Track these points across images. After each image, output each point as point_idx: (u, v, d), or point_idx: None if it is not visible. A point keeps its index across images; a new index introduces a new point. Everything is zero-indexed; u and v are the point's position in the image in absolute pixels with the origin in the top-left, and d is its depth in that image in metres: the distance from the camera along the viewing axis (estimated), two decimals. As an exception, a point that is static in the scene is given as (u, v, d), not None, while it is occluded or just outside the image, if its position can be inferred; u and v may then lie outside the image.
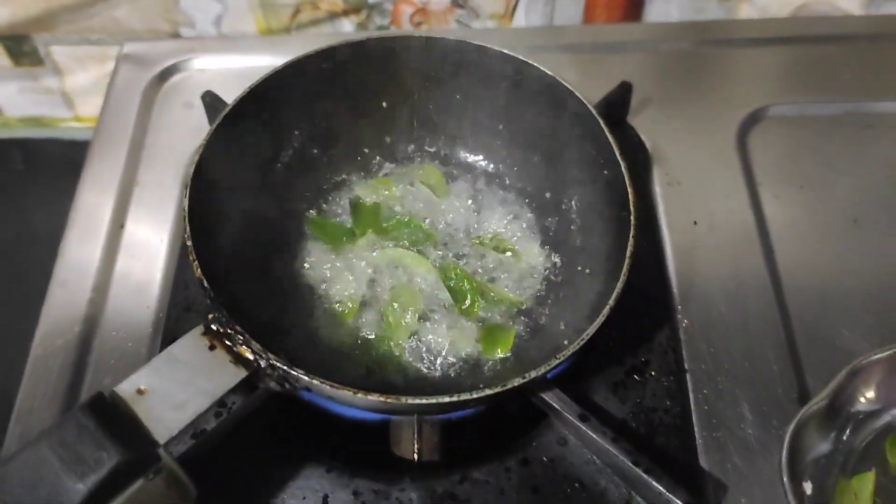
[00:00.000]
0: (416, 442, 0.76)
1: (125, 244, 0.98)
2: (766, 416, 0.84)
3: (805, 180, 1.03)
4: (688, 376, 0.87)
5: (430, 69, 0.93)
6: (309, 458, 0.80)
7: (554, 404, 0.78)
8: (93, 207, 1.01)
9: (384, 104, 0.96)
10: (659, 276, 0.94)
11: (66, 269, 0.96)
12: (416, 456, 0.76)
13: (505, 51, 0.89)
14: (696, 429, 0.83)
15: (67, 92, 1.38)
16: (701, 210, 0.99)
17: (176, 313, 0.91)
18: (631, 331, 0.88)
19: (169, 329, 0.90)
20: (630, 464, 0.74)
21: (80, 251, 0.97)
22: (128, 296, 0.94)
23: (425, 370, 0.84)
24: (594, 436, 0.76)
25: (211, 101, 0.99)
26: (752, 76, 1.13)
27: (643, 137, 1.05)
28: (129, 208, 1.01)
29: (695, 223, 0.98)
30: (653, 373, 0.86)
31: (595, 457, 0.80)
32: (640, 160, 1.04)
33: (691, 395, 0.85)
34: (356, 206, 0.95)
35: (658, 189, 1.01)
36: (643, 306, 0.90)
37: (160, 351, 0.86)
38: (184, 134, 1.08)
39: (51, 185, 1.37)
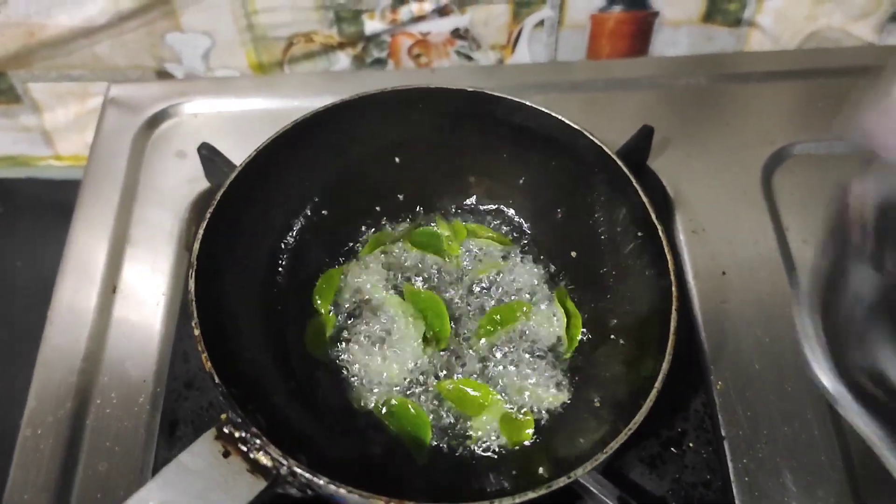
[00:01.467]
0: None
1: (118, 309, 0.92)
2: (810, 488, 0.79)
3: (833, 223, 0.98)
4: (725, 444, 0.82)
5: (447, 120, 0.87)
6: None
7: (591, 487, 0.72)
8: (82, 269, 0.94)
9: (397, 159, 0.90)
10: (689, 334, 0.88)
11: (55, 336, 0.89)
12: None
13: (526, 102, 0.84)
14: (737, 502, 0.78)
15: (47, 130, 1.32)
16: (728, 259, 0.94)
17: (176, 388, 0.85)
18: (664, 397, 0.82)
19: (169, 407, 0.83)
20: (678, 553, 0.69)
21: (69, 317, 0.90)
22: (122, 367, 0.87)
23: (456, 455, 0.78)
24: (637, 523, 0.71)
25: (208, 154, 0.93)
26: (772, 112, 1.09)
27: (664, 182, 1.00)
28: (121, 269, 0.95)
29: (723, 273, 0.93)
30: (690, 444, 0.81)
31: (636, 544, 0.74)
32: (661, 205, 0.98)
33: (730, 466, 0.80)
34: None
35: (682, 237, 0.96)
36: (675, 368, 0.85)
37: (159, 431, 0.82)
38: (178, 185, 1.02)
39: (32, 227, 1.30)
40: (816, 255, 0.64)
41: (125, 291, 0.93)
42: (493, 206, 0.96)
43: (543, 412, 0.81)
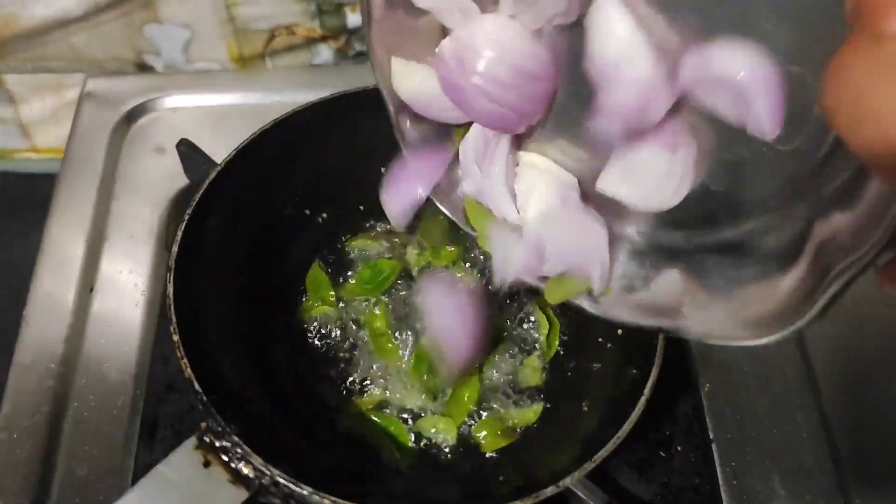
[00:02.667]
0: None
1: (95, 309, 0.90)
2: (799, 491, 0.79)
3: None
4: (714, 447, 0.81)
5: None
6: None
7: (578, 493, 0.72)
8: (58, 268, 0.92)
9: (380, 158, 0.88)
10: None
11: (30, 337, 0.87)
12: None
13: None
14: (726, 507, 0.78)
15: (23, 122, 1.28)
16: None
17: (156, 391, 0.83)
18: (652, 400, 0.81)
19: (149, 411, 0.82)
20: (667, 559, 0.68)
21: (45, 318, 0.88)
22: (101, 369, 0.85)
23: (441, 463, 0.76)
24: (625, 529, 0.70)
25: (187, 151, 0.90)
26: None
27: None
28: (99, 268, 0.92)
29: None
30: (679, 447, 0.81)
31: (625, 550, 0.74)
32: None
33: (719, 470, 0.80)
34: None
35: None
36: (662, 370, 0.84)
37: (139, 434, 0.80)
38: (157, 181, 1.00)
39: (8, 222, 1.26)
40: None
41: (103, 291, 0.91)
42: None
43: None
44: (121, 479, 0.78)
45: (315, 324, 0.86)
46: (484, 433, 0.78)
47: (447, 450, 0.79)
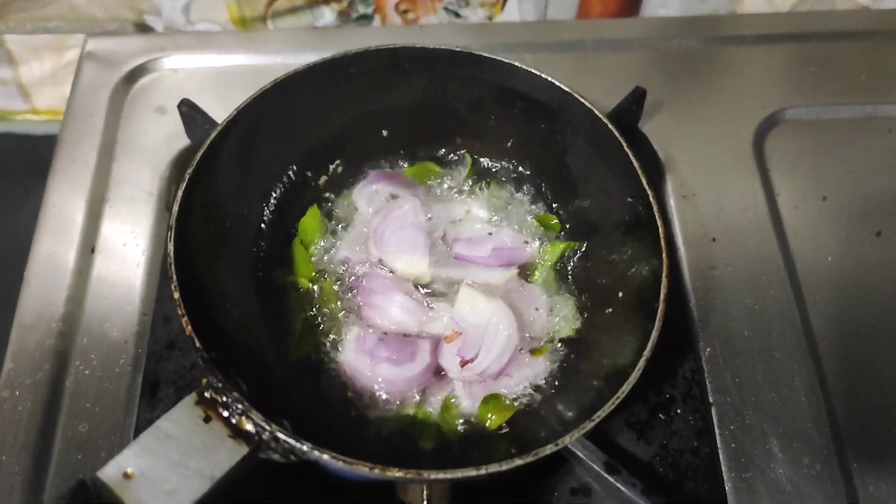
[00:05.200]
0: (425, 489, 0.70)
1: (97, 269, 0.90)
2: (796, 454, 0.79)
3: (826, 189, 0.97)
4: (713, 411, 0.81)
5: (435, 80, 0.85)
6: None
7: (578, 452, 0.72)
8: (59, 228, 0.92)
9: (382, 119, 0.88)
10: (678, 300, 0.87)
11: (31, 297, 0.87)
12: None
13: (515, 63, 0.81)
14: (724, 470, 0.78)
15: (23, 83, 1.28)
16: (718, 225, 0.93)
17: (157, 350, 0.83)
18: (652, 363, 0.81)
19: (150, 369, 0.82)
20: (664, 519, 0.69)
21: (46, 277, 0.88)
22: (102, 328, 0.85)
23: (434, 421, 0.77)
24: (623, 489, 0.71)
25: (188, 111, 0.90)
26: (765, 76, 1.07)
27: (655, 146, 0.98)
28: (100, 229, 0.92)
29: (713, 240, 0.92)
30: (678, 410, 0.81)
31: (622, 508, 0.74)
32: (651, 170, 0.97)
33: (717, 433, 0.80)
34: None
35: (672, 202, 0.95)
36: (663, 334, 0.84)
37: (141, 392, 0.80)
38: (157, 142, 0.99)
39: (8, 184, 1.26)
40: None
41: (104, 251, 0.91)
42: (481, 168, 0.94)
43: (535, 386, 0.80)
44: (122, 436, 0.79)
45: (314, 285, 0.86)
46: (487, 413, 0.77)
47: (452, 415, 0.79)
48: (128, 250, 0.91)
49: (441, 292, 0.83)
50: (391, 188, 0.87)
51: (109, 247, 0.91)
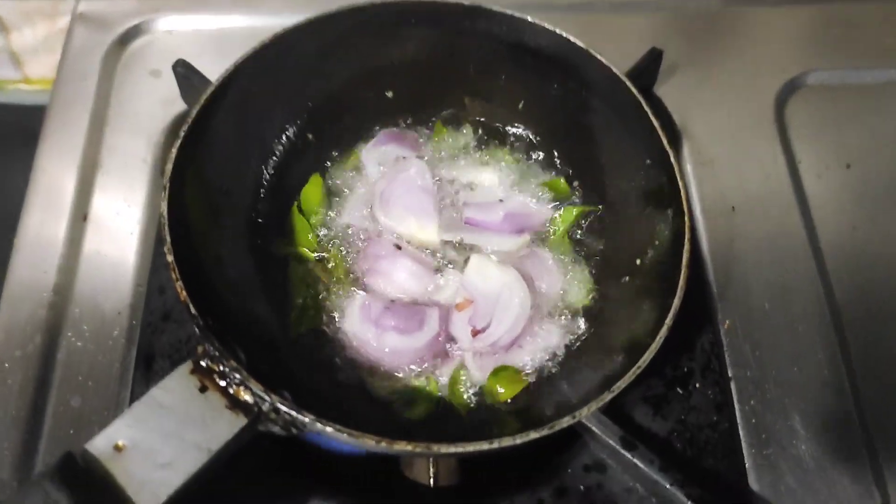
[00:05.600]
0: (431, 465, 0.67)
1: (89, 239, 0.86)
2: (820, 430, 0.76)
3: (849, 156, 0.93)
4: (732, 385, 0.78)
5: (442, 36, 0.81)
6: (314, 492, 0.70)
7: (593, 427, 0.69)
8: (50, 197, 0.88)
9: (386, 78, 0.83)
10: (696, 271, 0.83)
11: (22, 267, 0.83)
12: (431, 481, 0.67)
13: (528, 18, 0.77)
14: (744, 446, 0.75)
15: (15, 51, 1.24)
16: (738, 193, 0.89)
17: (152, 321, 0.80)
18: (670, 336, 0.78)
19: (145, 341, 0.78)
20: (682, 496, 0.65)
21: (36, 247, 0.84)
22: (95, 299, 0.82)
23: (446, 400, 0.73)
24: (640, 464, 0.67)
25: (184, 73, 0.86)
26: (786, 39, 1.02)
27: (671, 110, 0.94)
28: (92, 197, 0.88)
29: (733, 209, 0.88)
30: (696, 384, 0.77)
31: (638, 484, 0.71)
32: (667, 136, 0.92)
33: (737, 407, 0.77)
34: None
35: (690, 169, 0.91)
36: (682, 306, 0.80)
37: (135, 365, 0.77)
38: (152, 107, 0.95)
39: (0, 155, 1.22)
40: None
41: (96, 221, 0.87)
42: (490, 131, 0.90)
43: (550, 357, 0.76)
44: (116, 410, 0.76)
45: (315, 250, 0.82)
46: (497, 385, 0.74)
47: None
48: (121, 219, 0.87)
49: (451, 259, 0.79)
50: (400, 149, 0.83)
51: (102, 215, 0.87)
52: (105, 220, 0.87)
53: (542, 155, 0.86)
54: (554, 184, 0.84)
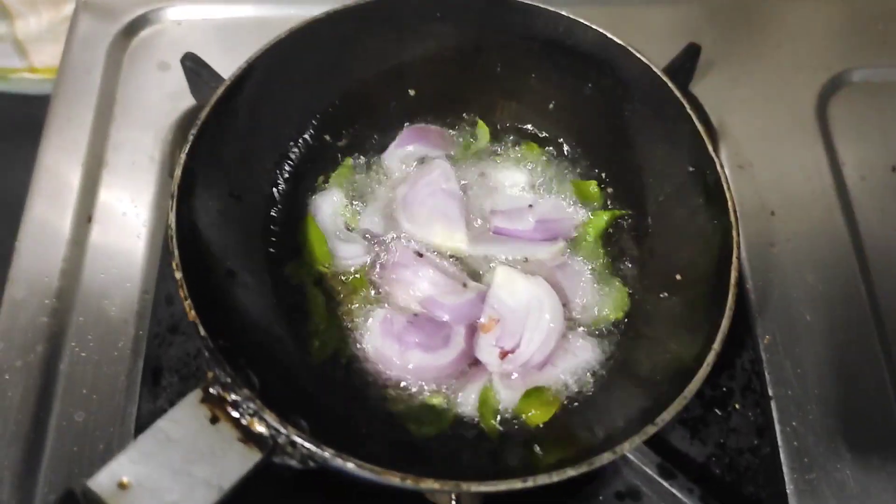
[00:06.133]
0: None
1: (94, 241, 0.82)
2: (865, 452, 0.72)
3: (895, 158, 0.88)
4: (773, 405, 0.74)
5: (468, 32, 0.76)
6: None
7: (629, 455, 0.64)
8: (53, 196, 0.84)
9: (408, 77, 0.79)
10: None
11: (23, 270, 0.80)
12: (453, 504, 0.63)
13: (562, 12, 0.73)
14: (785, 470, 0.71)
15: (19, 39, 1.20)
16: (777, 197, 0.85)
17: (159, 332, 0.76)
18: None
19: (152, 353, 0.74)
20: (722, 529, 0.61)
21: (39, 249, 0.81)
22: (100, 306, 0.78)
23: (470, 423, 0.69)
24: (679, 494, 0.63)
25: (193, 66, 0.81)
26: (829, 33, 0.98)
27: (707, 109, 0.89)
28: (97, 197, 0.85)
29: (772, 213, 0.83)
30: (736, 405, 0.73)
31: (675, 514, 0.67)
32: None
33: (778, 429, 0.73)
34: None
35: (727, 172, 0.85)
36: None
37: (142, 379, 0.73)
38: (159, 102, 0.91)
39: (4, 147, 1.19)
40: None
41: (102, 222, 0.83)
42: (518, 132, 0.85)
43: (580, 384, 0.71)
44: (122, 427, 0.72)
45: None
46: (529, 409, 0.69)
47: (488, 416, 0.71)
48: (127, 220, 0.83)
49: (476, 266, 0.74)
50: (425, 148, 0.79)
51: (108, 216, 0.84)
52: (111, 222, 0.83)
53: (572, 158, 0.82)
54: (584, 187, 0.79)
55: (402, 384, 0.69)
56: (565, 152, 0.82)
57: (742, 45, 0.96)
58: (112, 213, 0.84)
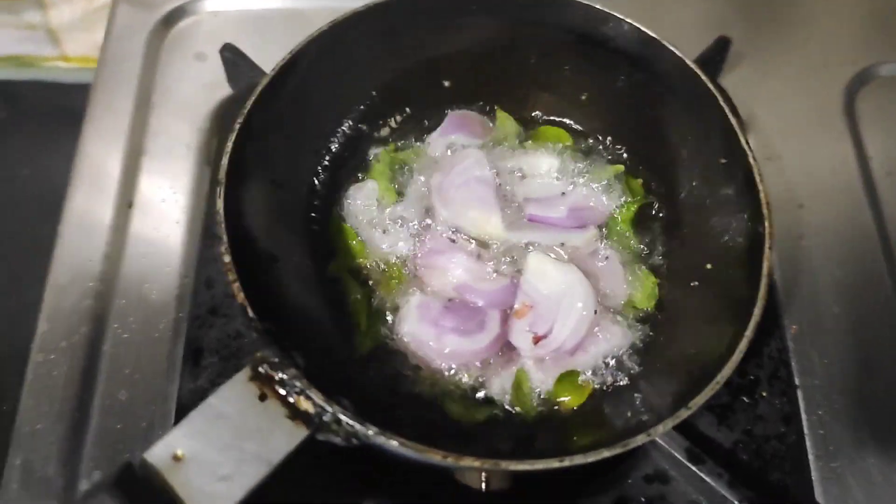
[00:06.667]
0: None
1: (134, 226, 0.84)
2: (889, 442, 0.73)
3: (922, 153, 0.89)
4: (799, 394, 0.75)
5: (504, 24, 0.77)
6: (364, 496, 0.68)
7: (658, 439, 0.66)
8: (95, 182, 0.86)
9: (444, 67, 0.80)
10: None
11: (66, 254, 0.82)
12: (483, 485, 0.65)
13: (596, 6, 0.74)
14: (811, 458, 0.72)
15: (52, 28, 1.22)
16: (806, 190, 0.86)
17: (199, 314, 0.78)
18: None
19: (192, 335, 0.76)
20: (749, 512, 0.63)
21: (81, 234, 0.83)
22: (141, 290, 0.80)
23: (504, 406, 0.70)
24: (708, 479, 0.64)
25: (232, 58, 0.83)
26: (858, 26, 0.98)
27: (736, 102, 0.90)
28: (137, 184, 0.86)
29: (800, 206, 0.84)
30: (763, 393, 0.74)
31: (703, 498, 0.68)
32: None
33: (804, 417, 0.74)
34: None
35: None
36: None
37: (183, 360, 0.75)
38: (197, 91, 0.93)
39: (39, 134, 1.21)
40: None
41: (142, 208, 0.85)
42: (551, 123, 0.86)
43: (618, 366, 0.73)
44: (164, 405, 0.74)
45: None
46: (562, 393, 0.71)
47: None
48: (166, 206, 0.85)
49: (509, 250, 0.76)
50: (465, 138, 0.80)
51: (147, 202, 0.85)
52: (150, 208, 0.85)
53: (605, 149, 0.83)
54: (612, 172, 0.80)
55: (439, 368, 0.71)
56: (597, 143, 0.83)
57: (771, 38, 0.97)
58: (151, 200, 0.85)
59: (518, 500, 0.68)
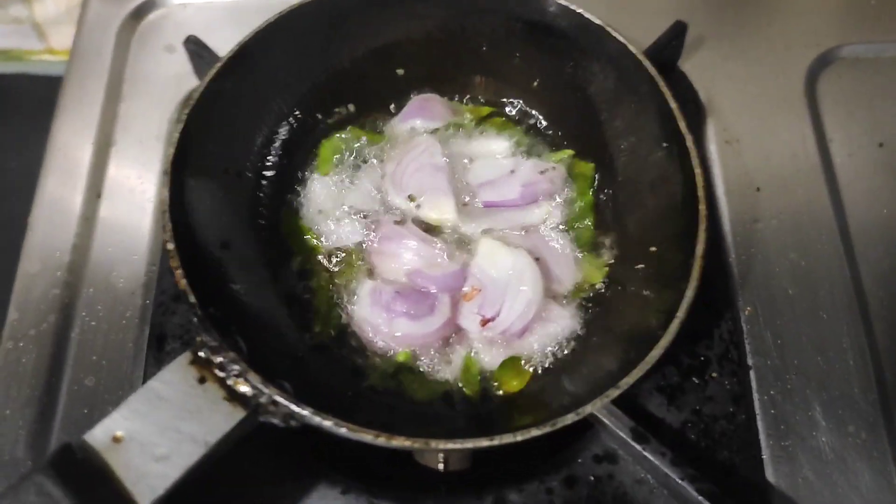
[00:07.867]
0: (441, 453, 0.66)
1: (103, 216, 0.86)
2: (840, 421, 0.74)
3: (882, 135, 0.89)
4: (752, 374, 0.76)
5: (455, 13, 0.78)
6: (321, 476, 0.70)
7: (603, 418, 0.67)
8: (65, 172, 0.88)
9: (395, 55, 0.81)
10: (716, 254, 0.81)
11: (37, 243, 0.84)
12: (441, 466, 0.66)
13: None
14: (762, 437, 0.73)
15: (38, 22, 1.23)
16: (764, 173, 0.86)
17: (164, 301, 0.79)
18: (687, 322, 0.76)
19: (157, 321, 0.78)
20: (693, 491, 0.64)
21: (51, 224, 0.85)
22: (108, 278, 0.82)
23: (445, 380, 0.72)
24: (651, 458, 0.66)
25: (195, 49, 0.84)
26: (819, 9, 0.98)
27: (696, 86, 0.91)
28: (105, 174, 0.88)
29: (758, 189, 0.85)
30: (713, 374, 0.75)
31: (650, 476, 0.69)
32: (691, 113, 0.89)
33: (756, 397, 0.75)
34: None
35: (714, 148, 0.88)
36: (700, 291, 0.78)
37: (147, 345, 0.77)
38: (166, 82, 0.94)
39: (26, 126, 1.22)
40: None
41: (111, 197, 0.87)
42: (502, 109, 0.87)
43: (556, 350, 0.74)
44: (130, 390, 0.76)
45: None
46: (504, 377, 0.72)
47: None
48: (134, 196, 0.87)
49: (463, 244, 0.77)
50: (426, 122, 0.81)
51: (116, 192, 0.87)
52: (119, 197, 0.87)
53: (556, 135, 0.84)
54: (562, 156, 0.81)
55: (390, 352, 0.72)
56: (548, 128, 0.84)
57: (733, 21, 0.97)
58: (120, 190, 0.87)
59: (475, 480, 0.70)
